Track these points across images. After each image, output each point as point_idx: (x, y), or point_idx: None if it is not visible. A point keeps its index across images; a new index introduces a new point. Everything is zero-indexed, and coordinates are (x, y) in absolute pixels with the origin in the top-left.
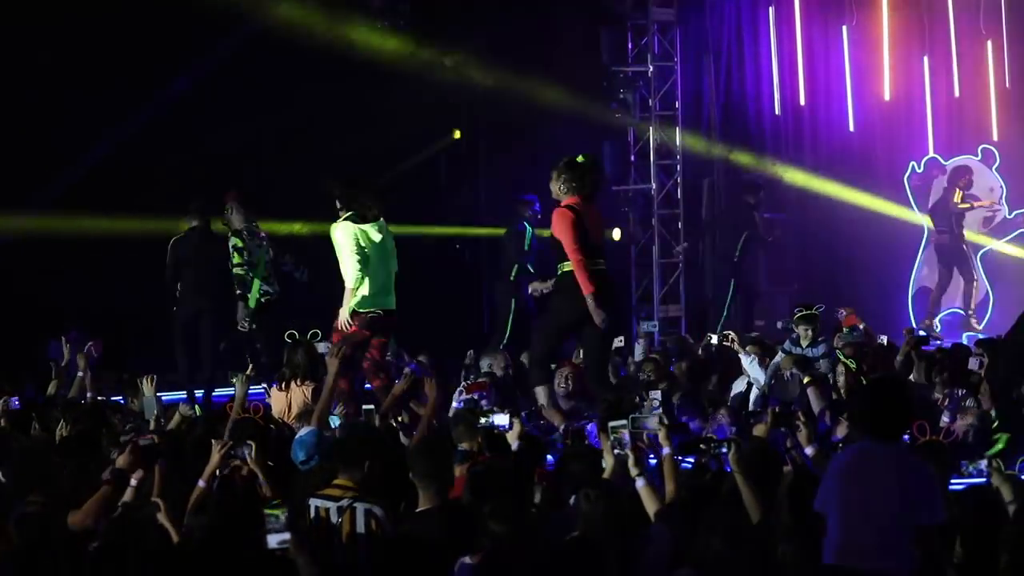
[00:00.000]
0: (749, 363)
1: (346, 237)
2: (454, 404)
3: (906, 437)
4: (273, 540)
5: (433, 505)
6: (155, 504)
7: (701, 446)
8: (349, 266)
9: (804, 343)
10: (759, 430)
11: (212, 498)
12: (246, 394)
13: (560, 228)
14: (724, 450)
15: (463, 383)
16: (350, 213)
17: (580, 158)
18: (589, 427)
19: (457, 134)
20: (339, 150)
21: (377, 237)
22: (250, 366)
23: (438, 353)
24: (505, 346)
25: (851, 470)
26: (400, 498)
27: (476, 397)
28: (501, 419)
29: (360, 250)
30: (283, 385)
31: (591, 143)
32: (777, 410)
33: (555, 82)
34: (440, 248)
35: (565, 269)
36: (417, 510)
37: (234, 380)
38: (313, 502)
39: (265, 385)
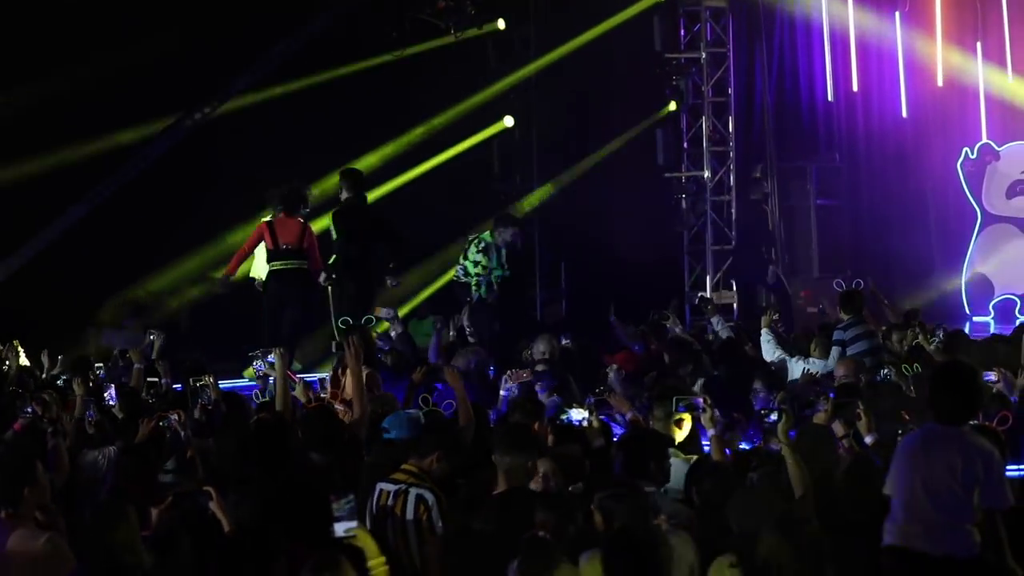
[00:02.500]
0: (766, 342)
1: None
2: (501, 393)
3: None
4: (340, 528)
5: (507, 488)
6: (207, 492)
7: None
8: None
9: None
10: (819, 418)
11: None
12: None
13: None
14: (773, 419)
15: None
16: None
17: None
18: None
19: (510, 122)
20: None
21: None
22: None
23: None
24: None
25: (917, 452)
26: (464, 485)
27: (530, 382)
28: (578, 414)
29: None
30: (342, 370)
31: (645, 129)
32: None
33: (608, 70)
34: None
35: None
36: (495, 492)
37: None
38: (379, 485)
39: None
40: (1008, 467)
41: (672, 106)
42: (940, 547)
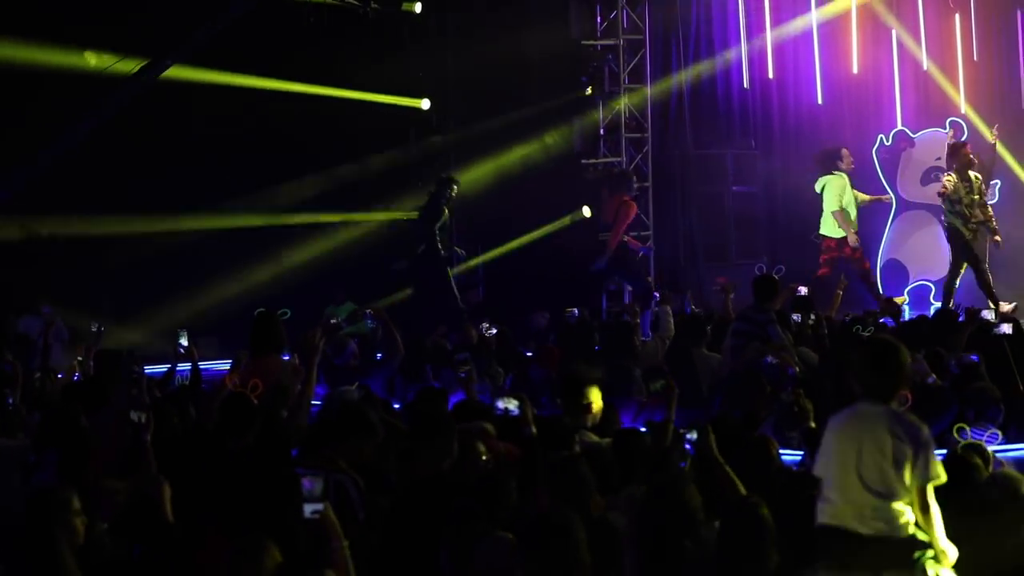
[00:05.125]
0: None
1: None
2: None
3: None
4: (308, 509)
5: (419, 475)
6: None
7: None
8: None
9: None
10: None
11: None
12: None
13: None
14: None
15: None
16: None
17: None
18: None
19: (426, 104)
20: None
21: None
22: None
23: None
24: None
25: (846, 431)
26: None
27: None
28: (510, 404)
29: None
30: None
31: (562, 116)
32: None
33: (525, 55)
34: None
35: None
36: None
37: None
38: (299, 471)
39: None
40: None
41: (589, 92)
42: (872, 525)
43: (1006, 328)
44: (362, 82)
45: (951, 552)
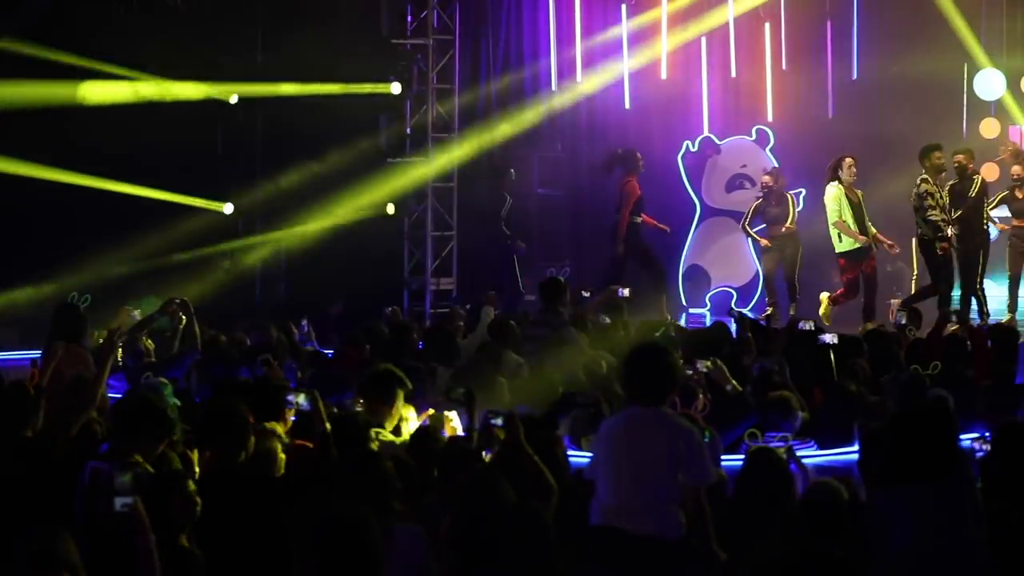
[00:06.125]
0: None
1: None
2: None
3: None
4: (118, 503)
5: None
6: None
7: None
8: None
9: None
10: None
11: None
12: None
13: None
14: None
15: None
16: None
17: None
18: None
19: (235, 98)
20: None
21: None
22: None
23: None
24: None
25: (619, 435)
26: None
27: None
28: (301, 398)
29: None
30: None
31: (369, 115)
32: None
33: (334, 54)
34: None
35: None
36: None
37: None
38: (91, 464)
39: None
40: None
41: (396, 90)
42: (645, 527)
43: (829, 338)
44: (171, 72)
45: (720, 555)
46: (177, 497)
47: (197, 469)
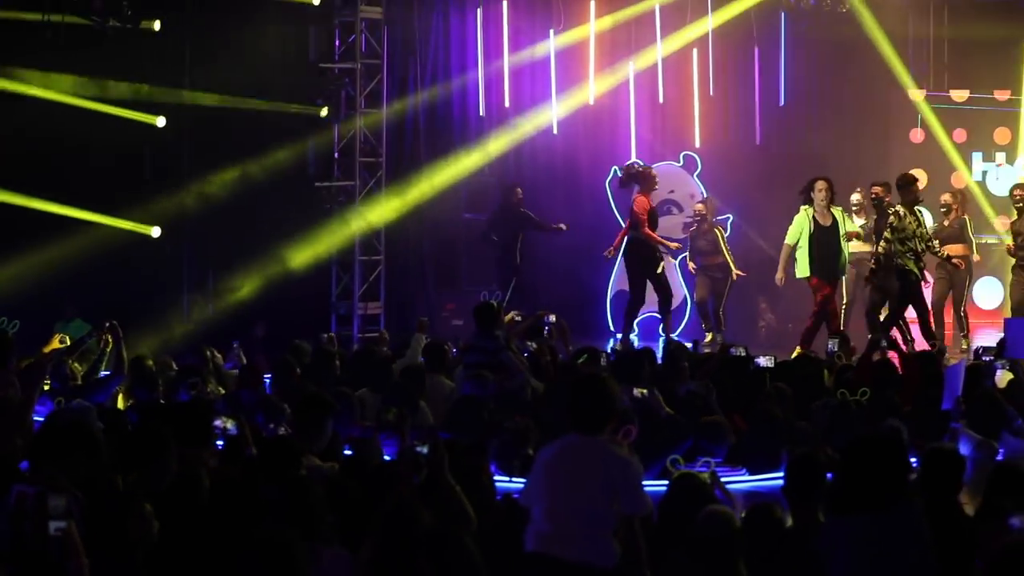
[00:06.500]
0: None
1: None
2: None
3: None
4: (52, 527)
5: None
6: None
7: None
8: None
9: None
10: None
11: None
12: None
13: None
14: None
15: None
16: None
17: None
18: None
19: (161, 121)
20: None
21: None
22: None
23: None
24: None
25: (556, 462)
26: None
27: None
28: (228, 423)
29: None
30: None
31: (297, 139)
32: None
33: (262, 78)
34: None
35: None
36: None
37: None
38: (16, 488)
39: None
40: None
41: (324, 113)
42: (579, 554)
43: (764, 361)
44: (99, 96)
45: None
46: (134, 519)
47: None
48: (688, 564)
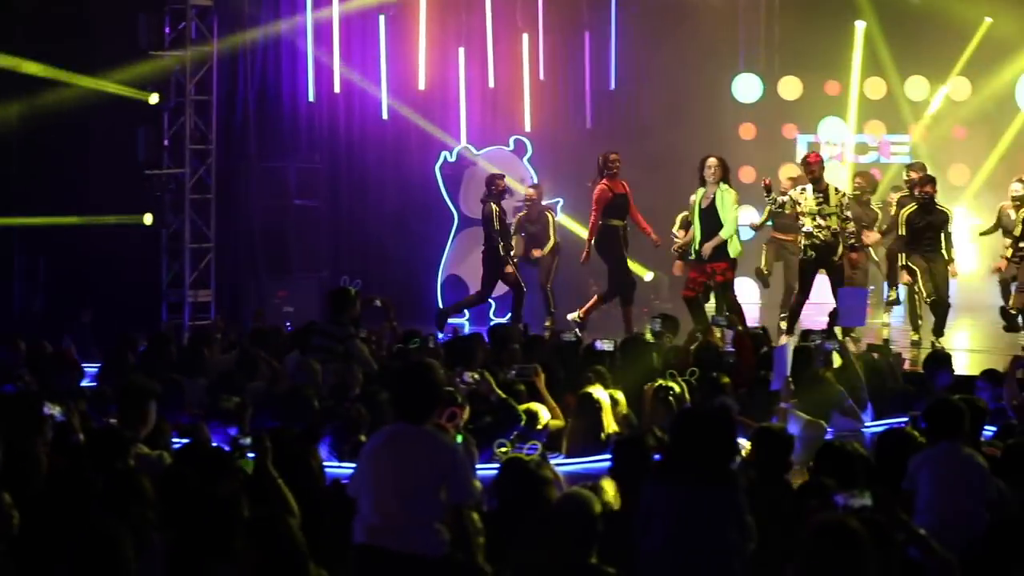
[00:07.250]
0: None
1: None
2: None
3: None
4: None
5: None
6: None
7: None
8: None
9: None
10: None
11: None
12: None
13: None
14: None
15: None
16: None
17: None
18: None
19: None
20: None
21: None
22: None
23: None
24: None
25: (383, 452)
26: None
27: None
28: (55, 410)
29: None
30: None
31: (126, 126)
32: None
33: (91, 66)
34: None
35: None
36: None
37: None
38: None
39: None
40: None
41: (154, 100)
42: (408, 545)
43: (603, 345)
44: None
45: (486, 570)
46: None
47: None
48: (538, 548)
